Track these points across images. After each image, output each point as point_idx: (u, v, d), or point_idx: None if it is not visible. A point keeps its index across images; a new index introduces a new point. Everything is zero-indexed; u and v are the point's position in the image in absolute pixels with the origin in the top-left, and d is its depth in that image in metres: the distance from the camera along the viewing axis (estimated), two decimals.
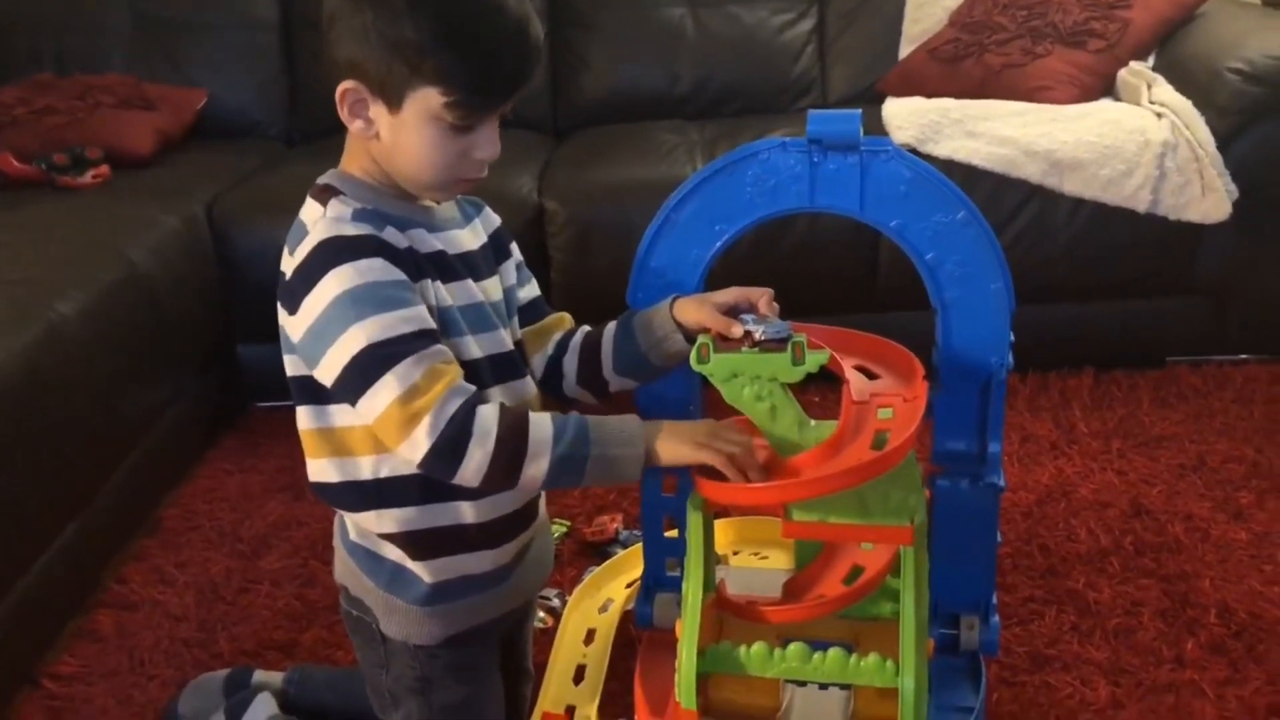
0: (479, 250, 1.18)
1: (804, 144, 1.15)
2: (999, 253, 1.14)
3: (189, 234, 2.18)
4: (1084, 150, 2.16)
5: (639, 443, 1.05)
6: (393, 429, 1.01)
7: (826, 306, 2.13)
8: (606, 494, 1.97)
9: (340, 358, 1.02)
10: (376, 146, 1.09)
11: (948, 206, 1.13)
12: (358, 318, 1.01)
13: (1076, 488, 1.92)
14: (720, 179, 1.18)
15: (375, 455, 1.11)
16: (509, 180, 2.27)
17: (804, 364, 1.08)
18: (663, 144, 2.40)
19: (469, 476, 1.02)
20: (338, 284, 1.02)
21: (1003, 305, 1.14)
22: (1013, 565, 1.71)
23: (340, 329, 1.02)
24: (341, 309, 1.02)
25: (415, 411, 1.00)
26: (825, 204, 1.16)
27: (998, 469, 1.19)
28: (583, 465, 1.04)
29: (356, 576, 1.18)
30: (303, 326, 1.05)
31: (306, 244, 1.05)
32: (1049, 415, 2.16)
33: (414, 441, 1.01)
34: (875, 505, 1.05)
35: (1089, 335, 2.32)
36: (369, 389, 1.01)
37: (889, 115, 2.34)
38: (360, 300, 1.02)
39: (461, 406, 1.01)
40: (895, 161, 1.13)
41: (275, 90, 2.76)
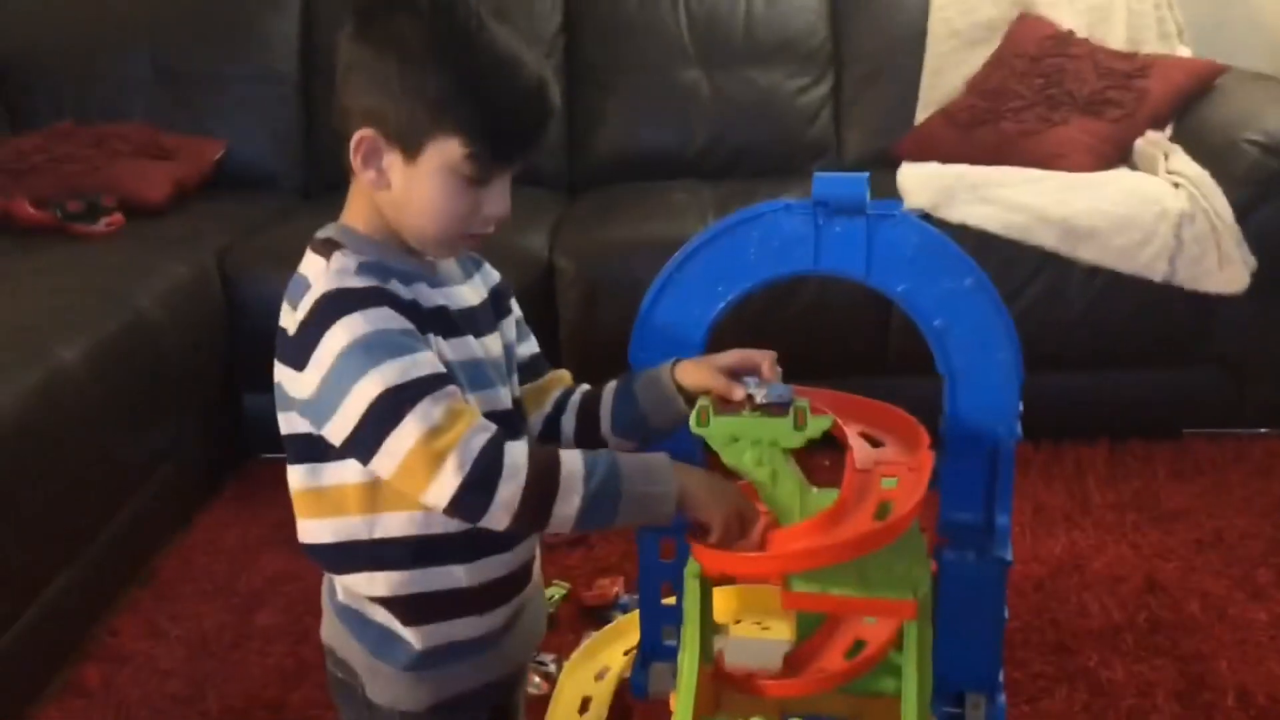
0: (480, 306, 1.17)
1: (809, 206, 1.14)
2: (1008, 321, 1.12)
3: (198, 282, 2.18)
4: (1100, 218, 2.15)
5: (669, 480, 1.03)
6: (419, 471, 0.99)
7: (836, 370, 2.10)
8: (608, 556, 1.94)
9: (356, 406, 1.00)
10: (385, 198, 1.08)
11: (956, 272, 1.12)
12: (372, 365, 1.00)
13: (1090, 561, 1.88)
14: (724, 239, 1.18)
15: (369, 515, 1.09)
16: (521, 237, 2.27)
17: (806, 429, 1.06)
18: (675, 203, 2.40)
19: (499, 515, 0.99)
20: (347, 334, 1.01)
21: (1011, 375, 1.12)
22: (1022, 640, 1.67)
23: (354, 378, 1.00)
24: (354, 358, 1.00)
25: (440, 450, 0.98)
26: (830, 267, 1.15)
27: (1006, 542, 1.16)
28: (615, 503, 1.01)
29: (344, 638, 1.16)
30: (313, 381, 1.03)
31: (310, 297, 1.04)
32: (1062, 485, 2.13)
33: (441, 481, 0.98)
34: (878, 577, 1.03)
35: (1104, 405, 2.30)
36: (389, 434, 0.99)
37: (903, 179, 2.34)
38: (372, 348, 1.00)
39: (489, 442, 0.99)
40: (902, 226, 1.12)
41: (292, 142, 2.79)
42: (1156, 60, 2.51)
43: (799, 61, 2.74)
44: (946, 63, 2.68)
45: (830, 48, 2.75)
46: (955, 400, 1.15)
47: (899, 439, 1.15)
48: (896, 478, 1.08)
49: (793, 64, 2.74)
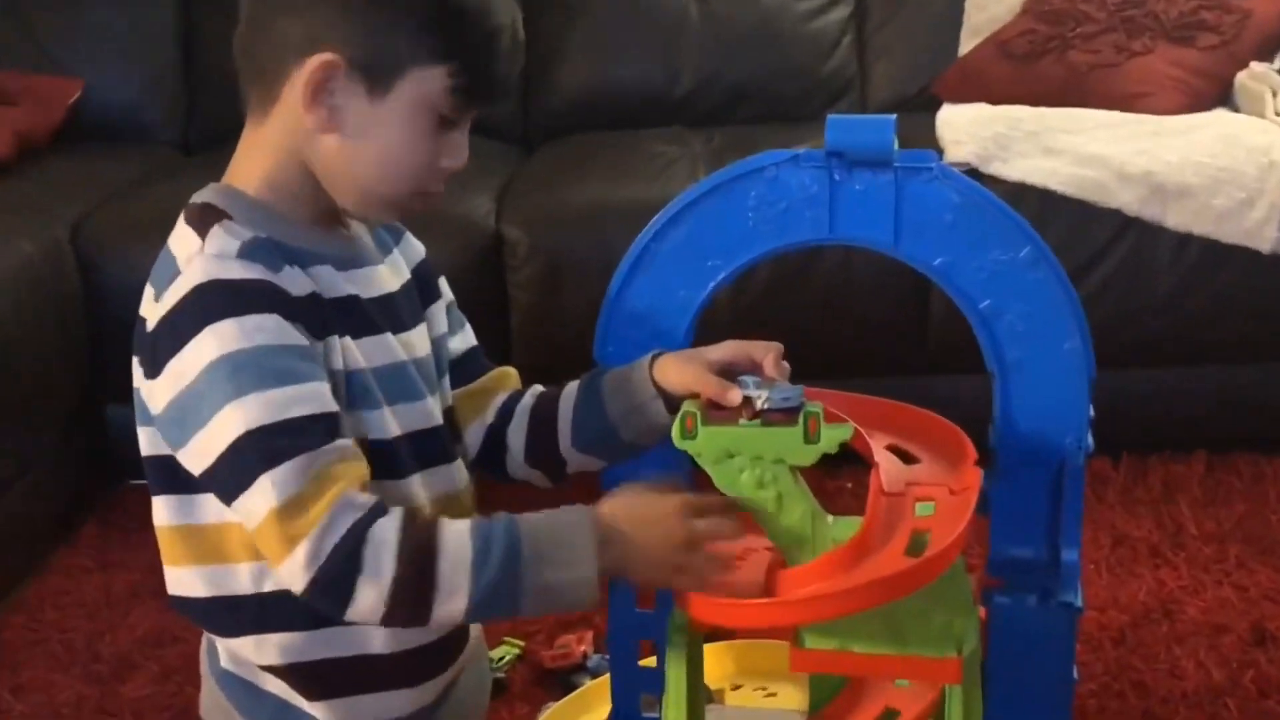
0: (401, 292, 1.17)
1: (822, 158, 1.13)
2: (1074, 301, 1.12)
3: (48, 263, 2.17)
4: (1193, 173, 2.15)
5: (587, 561, 1.02)
6: (270, 548, 1.00)
7: (860, 368, 2.15)
8: None
9: (211, 444, 1.00)
10: (327, 147, 1.07)
11: (1008, 240, 1.12)
12: (237, 393, 0.99)
13: (1183, 607, 1.89)
14: (715, 202, 1.17)
15: (257, 562, 1.08)
16: (462, 201, 2.27)
17: (819, 442, 1.05)
18: (657, 157, 2.40)
19: (360, 616, 1.01)
20: (216, 345, 1.00)
21: (1079, 369, 1.12)
22: (1098, 707, 1.68)
23: (214, 406, 1.00)
24: (217, 379, 1.00)
25: (294, 534, 0.98)
26: (849, 235, 1.14)
27: (1074, 583, 1.16)
28: (515, 597, 1.01)
29: (228, 715, 1.15)
30: (165, 396, 1.03)
31: (178, 288, 1.03)
32: (1148, 511, 2.14)
33: (291, 570, 0.99)
34: (912, 630, 1.03)
35: (1200, 409, 2.31)
36: (244, 490, 0.99)
37: (945, 126, 2.34)
38: (242, 370, 1.00)
39: (351, 530, 0.98)
40: (940, 182, 1.12)
41: (169, 82, 2.78)
42: None
43: None
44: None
45: None
46: (1009, 403, 1.15)
47: (938, 453, 1.15)
48: (934, 502, 1.08)
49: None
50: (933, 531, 1.03)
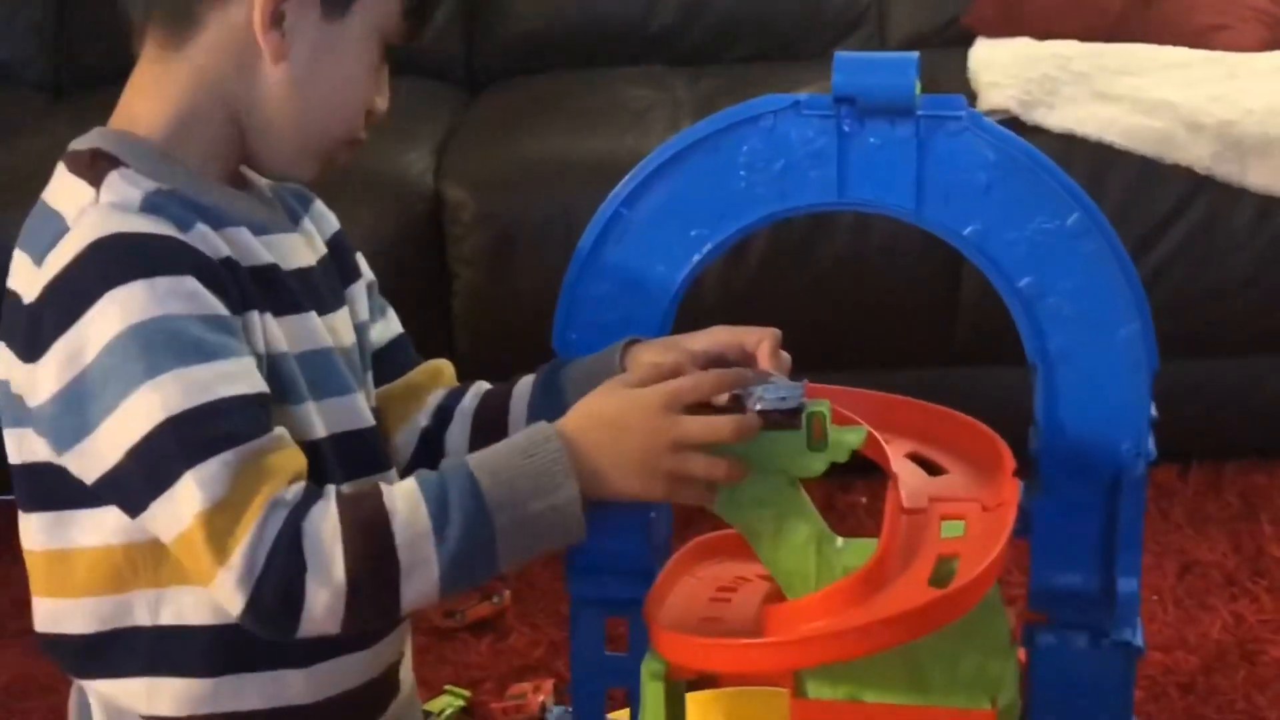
0: (319, 268, 1.18)
1: (829, 104, 1.13)
2: (1134, 278, 1.11)
3: None
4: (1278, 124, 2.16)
5: (564, 482, 1.03)
6: (197, 561, 1.00)
7: (877, 358, 2.16)
8: (530, 649, 1.95)
9: (119, 438, 1.00)
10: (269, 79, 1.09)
11: (1054, 206, 1.11)
12: (150, 373, 0.99)
13: (1264, 647, 1.91)
14: (700, 158, 1.16)
15: (155, 589, 1.09)
16: (393, 156, 2.27)
17: (826, 449, 1.06)
18: (631, 103, 2.41)
19: (319, 624, 1.00)
20: (120, 314, 1.00)
21: (1139, 360, 1.12)
22: None
23: (122, 390, 0.99)
24: (125, 357, 1.00)
25: (226, 544, 0.98)
26: (862, 199, 1.14)
27: (1133, 619, 1.16)
28: (490, 551, 1.02)
29: None
30: (52, 382, 1.02)
31: (68, 246, 1.03)
32: (1223, 532, 2.15)
33: (226, 588, 0.99)
34: (937, 676, 1.04)
35: None
36: (162, 492, 0.99)
37: (979, 65, 2.35)
38: (154, 344, 1.00)
39: (283, 530, 0.98)
40: (972, 134, 1.11)
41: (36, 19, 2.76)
42: None
43: None
44: None
45: None
46: (1054, 401, 1.15)
47: (969, 462, 1.15)
48: (965, 521, 1.08)
49: None
50: (962, 556, 1.03)
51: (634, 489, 1.05)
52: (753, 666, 1.07)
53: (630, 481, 1.05)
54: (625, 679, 1.24)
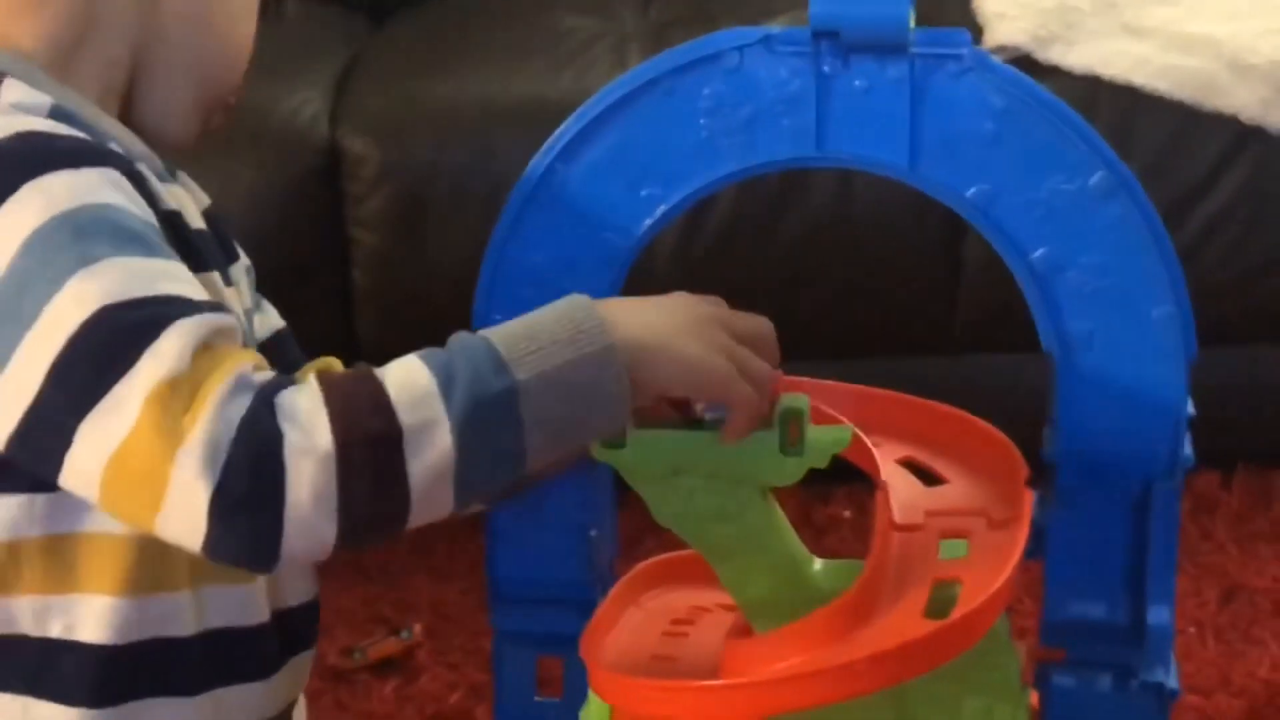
0: (208, 234, 1.19)
1: (806, 39, 1.13)
2: (1169, 249, 1.13)
3: None
4: None
5: (598, 328, 1.01)
6: (140, 470, 0.96)
7: (864, 344, 2.17)
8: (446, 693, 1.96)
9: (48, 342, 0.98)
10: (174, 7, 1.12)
11: (1074, 162, 1.12)
12: (82, 262, 0.98)
13: None
14: (652, 103, 1.16)
15: (38, 596, 1.10)
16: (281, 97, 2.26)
17: (803, 453, 1.07)
18: (568, 35, 2.40)
19: (309, 518, 0.96)
20: (44, 205, 1.00)
21: (1174, 347, 1.13)
22: None
23: (50, 285, 0.98)
24: (51, 249, 0.99)
25: (175, 426, 0.95)
26: (845, 152, 1.15)
27: (1166, 656, 1.18)
28: (514, 415, 0.99)
29: None
30: None
31: None
32: (1274, 552, 2.17)
33: (180, 485, 0.95)
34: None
35: None
36: (102, 396, 0.96)
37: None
38: (86, 231, 0.99)
39: (254, 404, 0.96)
40: (976, 76, 1.12)
41: None
42: None
43: None
44: None
45: None
46: (1074, 396, 1.16)
47: (973, 469, 1.16)
48: (967, 540, 1.08)
49: None
50: (964, 581, 1.04)
51: (694, 350, 1.03)
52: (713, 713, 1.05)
53: (688, 340, 1.03)
54: None
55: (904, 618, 1.02)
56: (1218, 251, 2.18)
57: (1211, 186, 2.20)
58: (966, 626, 1.00)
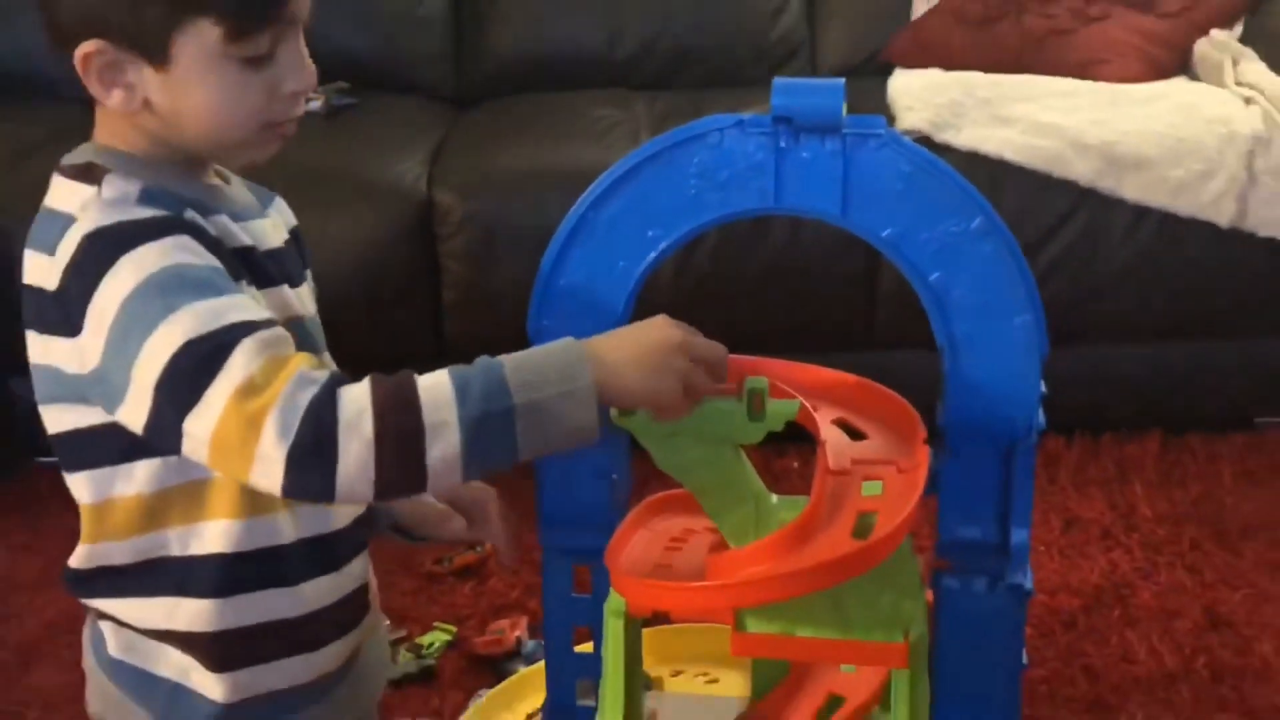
0: (285, 249, 1.18)
1: (768, 123, 1.12)
2: (1027, 275, 1.12)
3: None
4: (1150, 144, 2.18)
5: (583, 372, 1.00)
6: (234, 446, 0.97)
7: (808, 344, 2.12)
8: (507, 590, 1.94)
9: (151, 370, 0.98)
10: (149, 119, 1.07)
11: (960, 211, 1.11)
12: (166, 311, 0.98)
13: (1136, 590, 1.92)
14: (656, 168, 1.15)
15: (181, 526, 1.10)
16: (390, 164, 2.25)
17: (764, 420, 1.06)
18: (598, 121, 2.40)
19: (354, 481, 0.97)
20: (134, 272, 0.99)
21: (1031, 345, 1.12)
22: (1048, 693, 1.70)
23: (145, 331, 0.98)
24: (143, 304, 0.99)
25: (255, 412, 0.96)
26: (796, 205, 1.13)
27: (1024, 565, 1.17)
28: (509, 425, 0.98)
29: (119, 705, 1.15)
30: (96, 345, 1.01)
31: (76, 233, 1.02)
32: (1101, 492, 2.16)
33: (263, 455, 0.96)
34: (858, 614, 1.03)
35: (1155, 387, 2.34)
36: (197, 402, 0.97)
37: (897, 92, 2.35)
38: (168, 287, 0.99)
39: (317, 395, 0.97)
40: (890, 149, 1.11)
41: None
42: None
43: None
44: None
45: None
46: (958, 379, 1.14)
47: (887, 430, 1.15)
48: (882, 482, 1.07)
49: None
50: (880, 512, 1.03)
51: (649, 384, 1.02)
52: (700, 606, 1.07)
53: (645, 376, 1.02)
54: (590, 617, 1.24)
55: (837, 538, 1.01)
56: (1062, 279, 2.18)
57: (1057, 232, 2.20)
58: (882, 544, 0.99)
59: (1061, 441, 2.27)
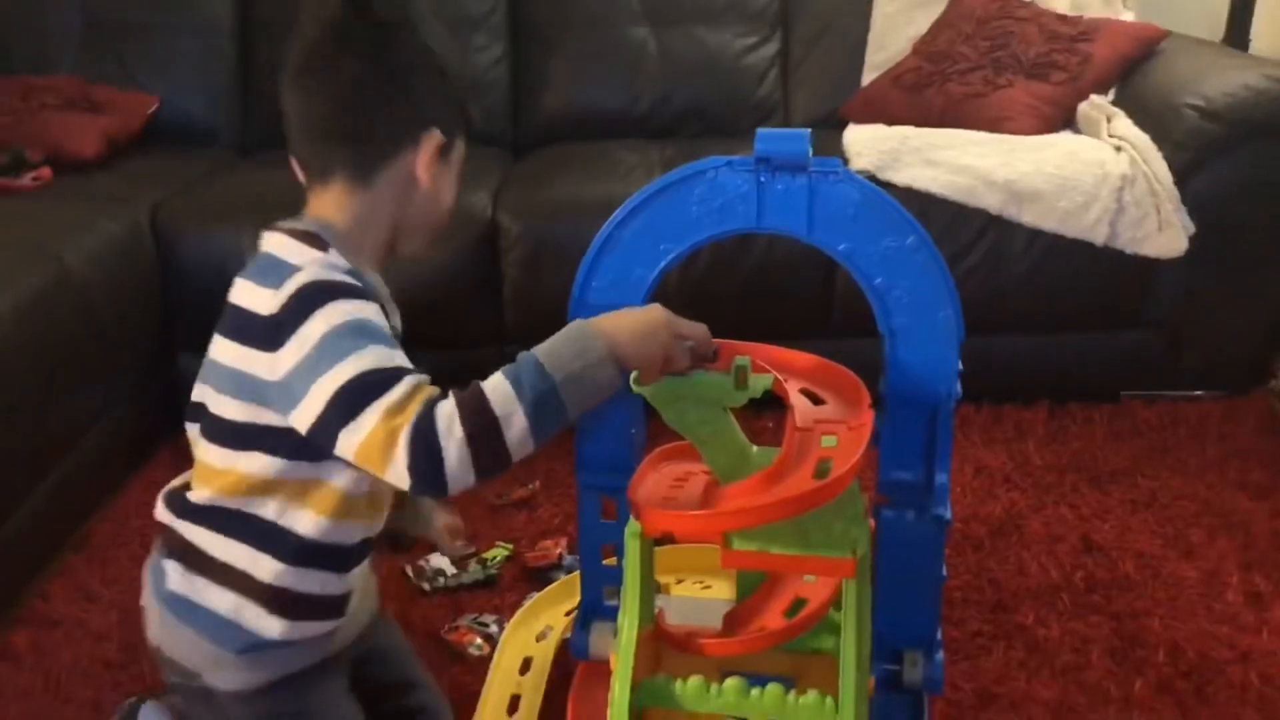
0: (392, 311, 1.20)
1: (751, 163, 1.13)
2: (948, 279, 1.12)
3: (130, 239, 2.13)
4: (1043, 181, 2.16)
5: (597, 344, 1.03)
6: (376, 452, 1.00)
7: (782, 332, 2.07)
8: (551, 518, 1.94)
9: (332, 384, 1.01)
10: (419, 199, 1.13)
11: (897, 231, 1.12)
12: (355, 348, 1.01)
13: (1028, 521, 1.91)
14: (666, 197, 1.16)
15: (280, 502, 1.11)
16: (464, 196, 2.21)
17: (748, 389, 1.06)
18: (620, 162, 2.38)
19: (461, 474, 1.00)
20: (340, 314, 1.03)
21: (951, 333, 1.13)
22: (961, 599, 1.69)
23: (338, 356, 1.01)
24: (342, 338, 1.02)
25: (394, 429, 0.99)
26: (773, 225, 1.14)
27: (944, 501, 1.17)
28: (557, 398, 1.01)
29: (174, 631, 1.15)
30: (291, 361, 1.03)
31: (299, 279, 1.05)
32: (1003, 447, 2.15)
33: (395, 463, 0.99)
34: (817, 536, 1.04)
35: (1044, 368, 2.31)
36: (357, 415, 1.00)
37: (849, 141, 2.33)
38: (361, 332, 1.02)
39: (424, 413, 1.00)
40: (845, 183, 1.11)
41: (229, 97, 2.72)
42: (1101, 24, 2.52)
43: (747, 21, 2.72)
44: (893, 24, 2.67)
45: (778, 7, 2.73)
46: (895, 358, 1.15)
47: (840, 397, 1.15)
48: (837, 436, 1.07)
49: (741, 23, 2.71)
50: (835, 459, 1.04)
51: (638, 348, 1.05)
52: (698, 529, 1.07)
53: (636, 342, 1.05)
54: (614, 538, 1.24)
55: (802, 479, 1.02)
56: (975, 284, 2.16)
57: (972, 248, 2.18)
58: (836, 483, 1.00)
59: (972, 408, 2.26)
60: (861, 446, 1.03)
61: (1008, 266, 2.18)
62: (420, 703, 1.35)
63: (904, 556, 1.18)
